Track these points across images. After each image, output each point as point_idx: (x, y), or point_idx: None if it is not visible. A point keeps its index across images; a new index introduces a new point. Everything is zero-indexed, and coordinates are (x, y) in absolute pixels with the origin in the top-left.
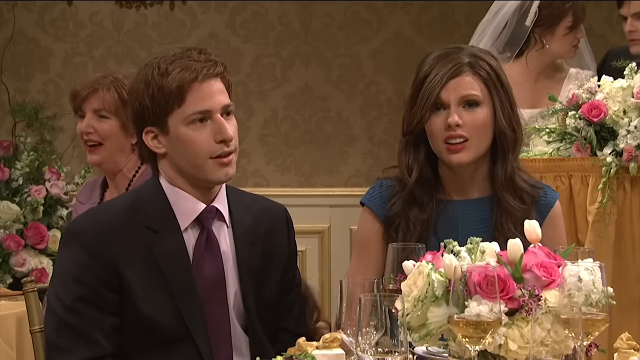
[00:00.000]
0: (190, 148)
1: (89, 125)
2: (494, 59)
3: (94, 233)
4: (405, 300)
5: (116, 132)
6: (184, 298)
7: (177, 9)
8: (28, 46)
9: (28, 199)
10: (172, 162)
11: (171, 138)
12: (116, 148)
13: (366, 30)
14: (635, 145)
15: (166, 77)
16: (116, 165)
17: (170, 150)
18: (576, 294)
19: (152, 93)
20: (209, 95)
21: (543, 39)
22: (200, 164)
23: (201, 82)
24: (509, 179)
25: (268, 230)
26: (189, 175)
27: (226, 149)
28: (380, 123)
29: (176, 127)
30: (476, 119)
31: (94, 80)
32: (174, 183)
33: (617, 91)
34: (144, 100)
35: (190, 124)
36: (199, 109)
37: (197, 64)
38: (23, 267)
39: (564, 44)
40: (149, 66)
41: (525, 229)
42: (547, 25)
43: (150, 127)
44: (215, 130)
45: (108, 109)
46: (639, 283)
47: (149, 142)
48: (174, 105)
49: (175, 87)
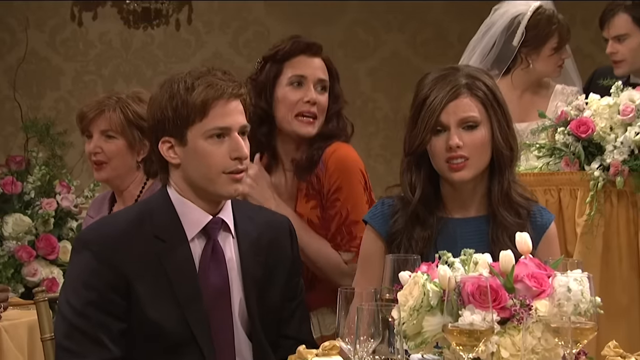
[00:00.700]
0: (206, 161)
1: (97, 145)
2: (489, 77)
3: (103, 241)
4: (401, 310)
5: (122, 151)
6: (189, 305)
7: (182, 29)
8: (40, 65)
9: (39, 211)
10: (185, 173)
11: (188, 150)
12: (122, 166)
13: (364, 50)
14: (621, 160)
15: (192, 91)
16: (123, 182)
17: (184, 162)
18: (565, 303)
19: (176, 105)
20: (230, 114)
21: (529, 59)
22: (213, 178)
23: (225, 100)
24: (505, 194)
25: (272, 241)
26: (199, 187)
27: (240, 166)
28: (377, 139)
29: (195, 140)
30: (475, 139)
31: (100, 102)
32: (183, 194)
33: (604, 108)
34: (166, 110)
35: (208, 138)
36: (220, 125)
37: (223, 83)
38: (34, 277)
39: (549, 64)
40: (174, 80)
41: (517, 241)
42: (533, 45)
43: (167, 137)
44: (232, 147)
45: (114, 129)
46: (625, 292)
47: (164, 152)
48: (195, 118)
49: (200, 101)
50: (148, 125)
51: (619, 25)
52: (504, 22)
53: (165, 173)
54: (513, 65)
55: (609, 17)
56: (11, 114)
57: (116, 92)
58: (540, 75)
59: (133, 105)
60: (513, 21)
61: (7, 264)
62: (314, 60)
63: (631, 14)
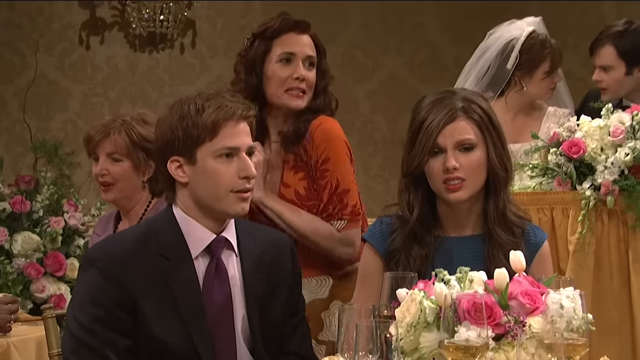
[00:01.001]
0: (214, 180)
1: (103, 168)
2: (485, 100)
3: (109, 259)
4: (399, 326)
5: (128, 173)
6: (194, 322)
7: (187, 53)
8: (49, 88)
9: (48, 229)
10: (192, 192)
11: (197, 169)
12: (128, 187)
13: (362, 72)
14: (612, 180)
15: (202, 112)
16: (129, 202)
17: (193, 180)
18: (558, 320)
19: (186, 125)
20: (239, 134)
21: (522, 82)
22: (221, 196)
23: (235, 121)
24: (500, 214)
25: (273, 259)
26: (206, 206)
27: (247, 185)
28: (376, 159)
29: (204, 159)
30: (472, 160)
31: (106, 125)
32: (189, 213)
33: (595, 130)
34: (177, 130)
35: (218, 157)
36: (229, 145)
37: (232, 104)
38: (42, 294)
39: (541, 87)
40: (184, 102)
41: (511, 260)
42: (526, 69)
43: (177, 157)
44: (241, 167)
45: (120, 151)
46: (616, 309)
47: (172, 171)
48: (205, 138)
49: (210, 122)
50: (156, 145)
51: (604, 56)
52: (498, 46)
53: (172, 192)
54: (507, 88)
55: (597, 46)
56: (21, 135)
57: (121, 115)
58: (533, 97)
59: (138, 128)
60: (507, 45)
61: (16, 280)
62: (302, 37)
63: (617, 46)
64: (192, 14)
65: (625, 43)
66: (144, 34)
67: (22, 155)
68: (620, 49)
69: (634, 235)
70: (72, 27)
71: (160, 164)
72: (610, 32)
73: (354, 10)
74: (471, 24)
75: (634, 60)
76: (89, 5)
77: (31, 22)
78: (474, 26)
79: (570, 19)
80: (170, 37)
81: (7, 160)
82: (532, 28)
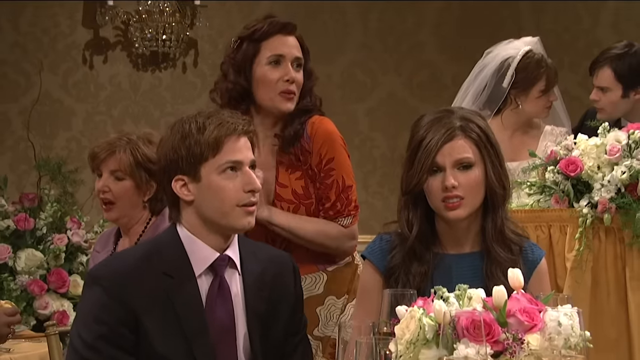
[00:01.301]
0: (220, 195)
1: (105, 185)
2: (482, 119)
3: (113, 277)
4: (398, 343)
5: (130, 192)
6: (197, 340)
7: (188, 72)
8: (53, 107)
9: (51, 246)
10: (198, 209)
11: (202, 186)
12: (129, 206)
13: (361, 90)
14: (609, 198)
15: (203, 130)
16: (130, 221)
17: (198, 198)
18: (556, 337)
19: (189, 144)
20: (241, 149)
21: (518, 100)
22: (227, 211)
23: (237, 136)
24: (498, 231)
25: (275, 277)
26: (213, 222)
27: (252, 199)
28: (375, 176)
29: (208, 176)
30: (470, 179)
31: (111, 143)
32: (194, 230)
33: (592, 148)
34: (179, 150)
35: (222, 172)
36: (232, 159)
37: (233, 120)
38: (46, 310)
39: (537, 105)
40: (184, 121)
41: (509, 277)
42: (522, 87)
43: (181, 176)
44: (245, 181)
45: (123, 170)
46: (613, 326)
47: (177, 190)
48: (208, 155)
49: (213, 138)
50: (160, 165)
51: (602, 78)
52: (495, 64)
53: (177, 211)
54: (503, 106)
55: (596, 67)
56: (25, 153)
57: (127, 133)
58: (529, 116)
59: (143, 148)
60: (503, 64)
61: (19, 297)
62: (289, 38)
63: (615, 69)
64: (194, 34)
65: (623, 66)
66: (147, 54)
67: (26, 173)
68: (618, 71)
69: (631, 253)
70: (76, 47)
71: (165, 183)
72: (609, 54)
73: (353, 30)
74: (469, 43)
75: (630, 83)
76: (93, 25)
77: (36, 42)
78: (472, 45)
79: (566, 38)
80: (172, 57)
81: (12, 178)
82: (528, 47)
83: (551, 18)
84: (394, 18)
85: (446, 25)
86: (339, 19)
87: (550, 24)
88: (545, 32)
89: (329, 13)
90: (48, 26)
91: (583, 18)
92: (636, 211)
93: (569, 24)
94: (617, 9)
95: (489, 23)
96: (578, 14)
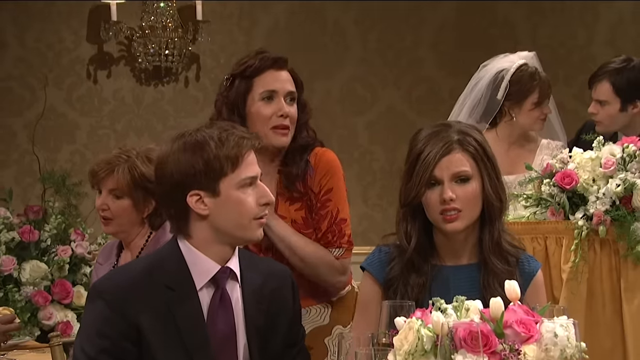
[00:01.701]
0: (239, 209)
1: (104, 202)
2: (479, 132)
3: (116, 291)
4: (397, 354)
5: (128, 210)
6: (198, 352)
7: (191, 86)
8: (57, 121)
9: (55, 258)
10: (213, 223)
11: (220, 200)
12: (127, 223)
13: (361, 105)
14: (603, 211)
15: (222, 145)
16: (128, 236)
17: (214, 212)
18: (552, 348)
19: (207, 159)
20: (254, 163)
21: (512, 112)
22: (245, 224)
23: (251, 151)
24: (495, 243)
25: (274, 290)
26: (227, 234)
27: (266, 212)
28: (374, 188)
29: (228, 190)
30: (467, 192)
31: (110, 161)
32: (201, 243)
33: (587, 161)
34: (197, 164)
35: (241, 187)
36: (250, 175)
37: (245, 135)
38: (50, 321)
39: (530, 118)
40: (197, 136)
41: (506, 289)
42: (515, 99)
43: (197, 190)
44: (260, 194)
45: (121, 189)
46: (608, 336)
47: (192, 204)
48: (227, 170)
49: (233, 154)
50: (171, 180)
51: (600, 91)
52: (489, 76)
53: (185, 225)
54: (499, 119)
55: (595, 81)
56: (30, 166)
57: (127, 150)
58: (523, 128)
59: (141, 167)
60: (498, 75)
61: (24, 308)
62: (282, 73)
63: (613, 83)
64: (196, 49)
65: (621, 80)
66: (150, 68)
67: (31, 185)
68: (617, 85)
69: (626, 264)
70: (80, 61)
71: (177, 198)
72: (608, 68)
73: (353, 45)
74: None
75: (629, 98)
76: (97, 41)
77: (41, 57)
78: (469, 60)
79: (561, 53)
80: (175, 71)
81: (17, 191)
82: (523, 61)
83: (547, 33)
84: (393, 37)
85: (444, 41)
86: (339, 41)
87: (546, 39)
88: (541, 47)
89: (330, 31)
90: (53, 41)
91: (578, 34)
92: (630, 223)
93: (565, 39)
94: (612, 25)
95: (486, 37)
96: (573, 30)
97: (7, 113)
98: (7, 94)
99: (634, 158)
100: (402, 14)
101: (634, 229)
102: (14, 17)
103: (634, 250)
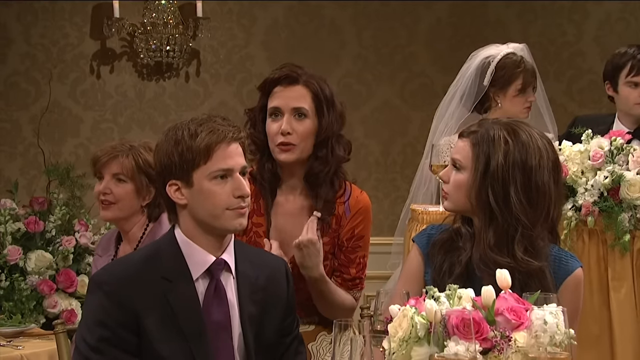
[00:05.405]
0: (211, 200)
1: (107, 187)
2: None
3: (114, 281)
4: (391, 341)
5: (130, 195)
6: (195, 340)
7: (191, 81)
8: (62, 114)
9: (60, 248)
10: (192, 212)
11: (194, 191)
12: (128, 208)
13: (357, 99)
14: (592, 202)
15: (195, 137)
16: (127, 223)
17: (191, 202)
18: (542, 335)
19: (181, 150)
20: (231, 156)
21: (497, 98)
22: (218, 214)
23: (227, 143)
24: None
25: (268, 282)
26: (206, 224)
27: (242, 204)
28: (370, 181)
29: (200, 181)
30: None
31: (114, 147)
32: (190, 233)
33: (576, 154)
34: (172, 156)
35: (213, 179)
36: (223, 167)
37: (224, 128)
38: (54, 309)
39: (514, 105)
40: (178, 128)
41: (497, 277)
42: (499, 85)
43: (174, 180)
44: (235, 187)
45: (125, 173)
46: (596, 324)
47: (171, 194)
48: (200, 162)
49: (204, 146)
50: (155, 170)
51: None
52: (477, 63)
53: (174, 214)
54: (488, 106)
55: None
56: (35, 159)
57: (128, 140)
58: (508, 115)
59: (144, 154)
60: (484, 61)
61: (29, 296)
62: (291, 89)
63: None
64: (196, 45)
65: None
66: (152, 64)
67: (36, 178)
68: None
69: (613, 254)
70: (84, 57)
71: (161, 187)
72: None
73: (349, 43)
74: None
75: None
76: (100, 37)
77: (45, 53)
78: (462, 56)
79: (551, 50)
80: (176, 67)
81: (22, 183)
82: (511, 50)
83: (538, 31)
84: (388, 35)
85: (437, 39)
86: (336, 38)
87: (537, 36)
88: (531, 44)
89: (327, 29)
90: (57, 38)
91: (568, 31)
92: (618, 214)
93: (555, 37)
94: (600, 22)
95: (479, 35)
96: (563, 28)
97: (13, 107)
98: (13, 89)
99: (621, 151)
100: (396, 13)
101: (621, 220)
102: (20, 15)
103: (621, 240)
